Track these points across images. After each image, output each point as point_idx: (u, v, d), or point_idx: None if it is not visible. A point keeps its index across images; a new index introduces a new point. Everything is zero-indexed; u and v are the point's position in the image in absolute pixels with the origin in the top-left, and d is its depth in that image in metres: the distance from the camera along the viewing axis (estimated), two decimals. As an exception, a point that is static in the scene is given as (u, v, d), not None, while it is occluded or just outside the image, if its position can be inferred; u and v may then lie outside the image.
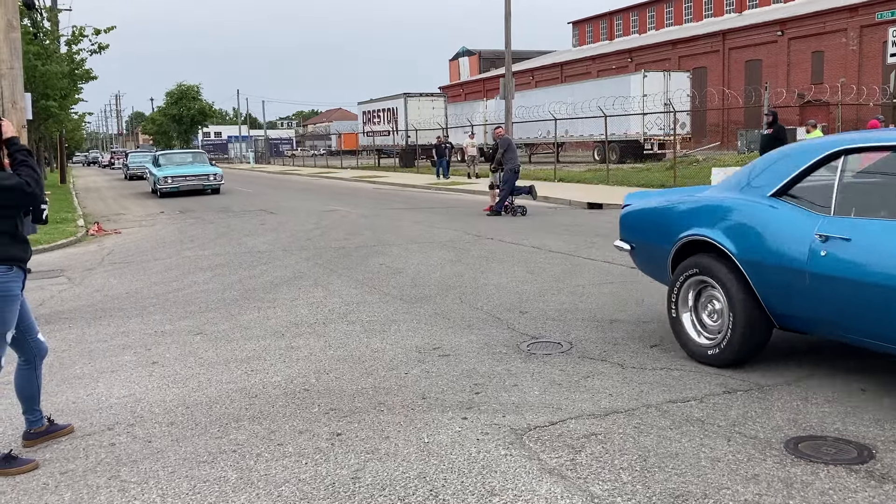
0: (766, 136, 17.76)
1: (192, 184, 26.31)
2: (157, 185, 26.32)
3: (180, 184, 26.11)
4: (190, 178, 26.38)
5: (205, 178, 26.60)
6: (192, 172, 26.67)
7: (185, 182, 26.23)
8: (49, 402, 5.12)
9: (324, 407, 4.91)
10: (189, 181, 26.32)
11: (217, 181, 26.74)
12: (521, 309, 7.46)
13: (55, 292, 9.56)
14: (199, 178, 26.53)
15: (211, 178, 26.68)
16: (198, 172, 26.76)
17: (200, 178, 26.55)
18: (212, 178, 26.70)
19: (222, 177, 27.33)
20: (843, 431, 4.21)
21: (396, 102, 46.87)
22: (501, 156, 16.76)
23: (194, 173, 26.65)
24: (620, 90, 36.09)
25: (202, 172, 26.85)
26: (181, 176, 26.29)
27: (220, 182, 26.91)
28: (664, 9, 64.35)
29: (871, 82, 38.88)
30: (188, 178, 26.36)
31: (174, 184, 26.05)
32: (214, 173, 26.87)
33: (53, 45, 25.09)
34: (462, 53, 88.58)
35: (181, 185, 26.11)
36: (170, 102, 56.73)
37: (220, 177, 26.92)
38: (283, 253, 11.96)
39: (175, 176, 26.20)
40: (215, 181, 26.73)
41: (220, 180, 26.86)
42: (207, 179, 26.63)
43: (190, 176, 26.44)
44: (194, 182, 26.39)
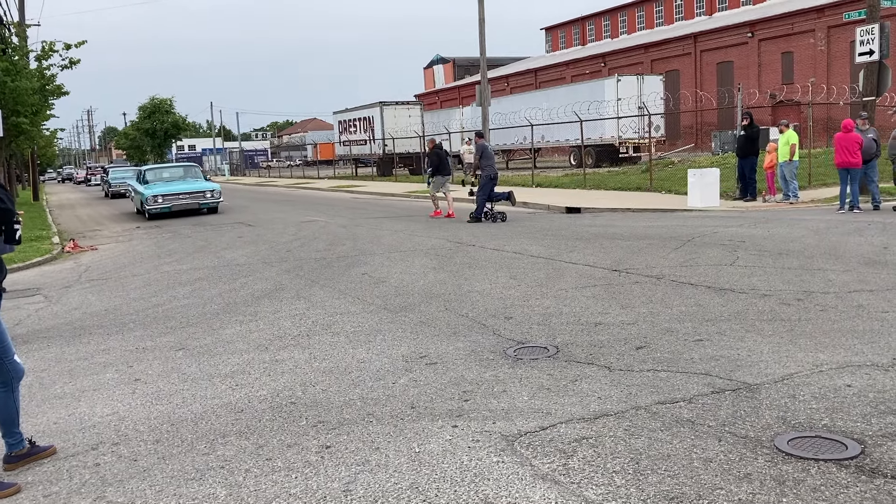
0: (741, 137, 17.96)
1: (185, 202, 22.85)
2: (146, 205, 22.57)
3: (172, 203, 22.62)
4: (183, 197, 22.85)
5: (200, 195, 23.06)
6: (185, 189, 23.11)
7: (178, 201, 22.73)
8: (30, 423, 5.02)
9: (312, 420, 4.86)
10: (182, 200, 22.82)
11: (215, 199, 23.21)
12: (506, 314, 7.45)
13: (32, 311, 9.40)
14: (194, 196, 22.99)
15: (208, 195, 23.12)
16: (192, 189, 23.17)
17: (195, 196, 23.00)
18: (209, 196, 23.13)
19: (220, 193, 23.61)
20: (831, 427, 4.23)
21: (372, 111, 46.79)
22: (478, 162, 16.80)
23: (188, 190, 23.08)
24: (595, 95, 36.31)
25: (197, 189, 23.24)
26: (173, 194, 22.75)
27: (219, 199, 23.37)
28: (636, 13, 64.93)
29: (841, 82, 39.48)
30: (181, 197, 22.83)
31: (165, 203, 22.53)
32: (211, 190, 23.30)
33: (23, 60, 24.73)
34: (436, 61, 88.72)
35: (173, 205, 22.63)
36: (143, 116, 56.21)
37: (218, 193, 23.33)
38: (263, 265, 11.86)
39: (166, 194, 22.64)
40: (213, 199, 23.19)
41: (217, 198, 23.30)
42: (203, 197, 23.08)
43: (183, 194, 22.89)
44: (188, 200, 22.88)
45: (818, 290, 7.75)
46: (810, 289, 7.81)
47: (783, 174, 17.05)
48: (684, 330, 6.47)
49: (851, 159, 14.72)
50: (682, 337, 6.25)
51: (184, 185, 23.51)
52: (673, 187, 21.01)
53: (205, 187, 23.37)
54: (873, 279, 8.14)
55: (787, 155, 16.78)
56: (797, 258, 9.65)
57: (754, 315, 6.85)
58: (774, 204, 17.07)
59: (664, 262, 9.92)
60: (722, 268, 9.25)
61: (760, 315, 6.84)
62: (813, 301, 7.26)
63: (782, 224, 13.20)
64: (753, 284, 8.17)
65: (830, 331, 6.19)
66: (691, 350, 5.86)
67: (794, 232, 12.07)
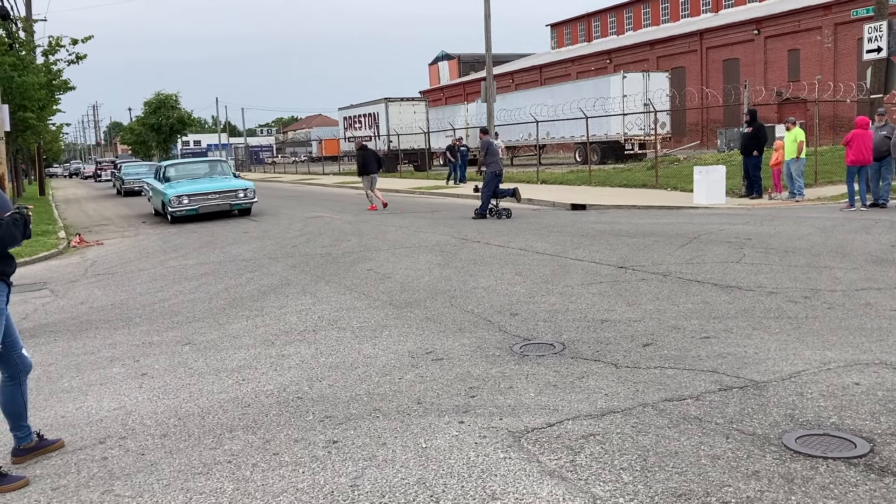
0: (745, 135, 17.91)
1: (215, 203, 19.52)
2: (168, 206, 19.19)
3: (200, 204, 19.34)
4: (212, 197, 19.53)
5: (231, 194, 19.74)
6: (214, 188, 19.76)
7: (207, 202, 19.45)
8: (37, 416, 5.04)
9: (318, 415, 4.86)
10: (211, 200, 19.50)
11: (248, 199, 19.92)
12: (512, 311, 7.45)
13: (39, 305, 9.43)
14: (225, 196, 19.67)
15: (240, 194, 19.82)
16: (222, 188, 19.82)
17: (226, 196, 19.68)
18: (241, 196, 19.82)
19: (254, 192, 20.24)
20: (840, 425, 4.22)
21: (377, 108, 46.80)
22: (483, 159, 16.80)
23: (217, 189, 19.74)
24: (600, 91, 36.25)
25: (228, 188, 19.90)
26: (200, 194, 19.45)
27: (253, 199, 20.03)
28: (641, 10, 64.76)
29: (848, 79, 39.32)
30: (210, 197, 19.50)
31: (192, 204, 19.24)
32: (244, 188, 19.96)
33: (30, 55, 24.79)
34: (441, 58, 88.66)
35: (201, 207, 19.34)
36: (148, 112, 56.22)
37: (251, 192, 20.00)
38: (269, 260, 11.88)
39: (193, 194, 19.34)
40: (246, 199, 19.87)
41: (251, 197, 19.98)
42: (235, 197, 19.77)
43: (212, 193, 19.56)
44: (218, 201, 19.56)
45: (825, 287, 7.73)
46: (817, 286, 7.79)
47: (790, 172, 17.01)
48: (691, 327, 6.46)
49: (866, 157, 14.88)
50: (689, 334, 6.24)
51: (212, 184, 20.18)
52: (679, 184, 20.96)
53: (236, 185, 20.16)
54: (881, 277, 8.11)
55: (794, 152, 16.73)
56: (804, 256, 9.62)
57: (761, 312, 6.83)
58: (780, 201, 17.02)
59: (670, 259, 9.90)
60: (728, 265, 9.23)
61: (767, 312, 6.82)
62: (820, 299, 7.24)
63: (789, 222, 13.17)
64: (760, 282, 8.15)
65: (838, 329, 6.17)
66: (698, 347, 5.84)
67: (800, 229, 12.03)
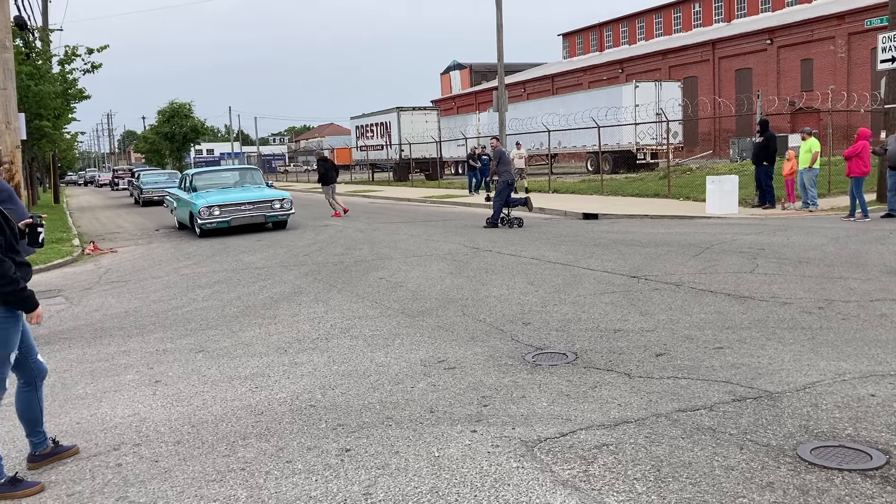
0: (758, 145, 17.86)
1: (248, 215, 17.87)
2: (197, 218, 17.52)
3: (232, 216, 17.69)
4: (245, 208, 17.85)
5: (266, 205, 18.06)
6: (247, 198, 18.04)
7: (240, 213, 17.79)
8: (53, 423, 5.07)
9: (331, 423, 4.87)
10: (244, 212, 17.83)
11: (285, 210, 18.23)
12: (524, 320, 7.44)
13: (54, 312, 9.50)
14: (259, 207, 17.98)
15: (276, 205, 18.13)
16: (256, 198, 18.12)
17: (260, 207, 17.99)
18: (277, 206, 18.13)
19: (291, 203, 18.55)
20: (855, 437, 4.19)
21: (389, 116, 46.95)
22: (496, 168, 16.83)
23: (251, 199, 18.03)
24: (612, 101, 36.24)
25: (262, 198, 18.20)
26: (232, 204, 17.76)
27: (290, 211, 18.35)
28: (653, 19, 64.78)
29: (861, 89, 39.15)
30: (243, 208, 17.83)
31: (224, 216, 17.61)
32: (280, 199, 18.27)
33: (46, 64, 25.06)
34: (453, 67, 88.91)
35: (233, 218, 17.70)
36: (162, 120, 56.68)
37: (288, 203, 18.32)
38: (282, 269, 11.92)
39: (224, 205, 17.67)
40: (282, 210, 18.19)
41: (288, 209, 18.28)
42: (271, 208, 18.08)
43: (245, 204, 17.87)
44: (252, 213, 17.89)
45: (839, 298, 7.68)
46: (831, 297, 7.74)
47: (803, 182, 16.94)
48: (704, 337, 6.43)
49: (868, 168, 15.27)
50: (703, 344, 6.21)
51: (245, 194, 18.50)
52: (691, 194, 20.90)
53: (272, 195, 18.48)
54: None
55: (807, 162, 16.68)
56: (817, 266, 9.57)
57: (775, 323, 6.80)
58: (794, 211, 16.94)
59: (683, 269, 9.87)
60: (741, 275, 9.19)
61: (781, 323, 6.79)
62: (834, 309, 7.20)
63: (802, 232, 13.10)
64: (773, 292, 8.11)
65: (853, 340, 6.13)
66: (712, 357, 5.82)
67: (813, 240, 11.97)
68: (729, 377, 5.32)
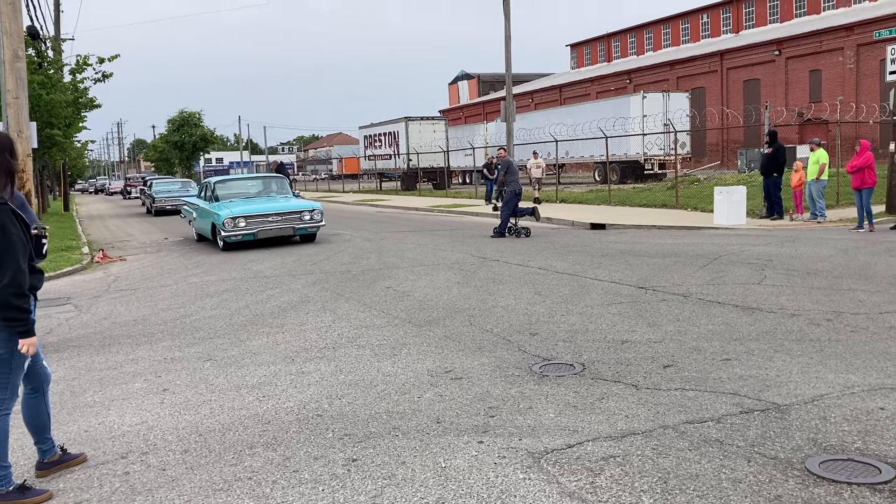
0: (766, 155, 17.85)
1: (276, 227, 16.54)
2: (221, 230, 16.18)
3: (258, 227, 16.36)
4: (273, 219, 16.53)
5: (295, 217, 16.74)
6: (274, 209, 16.76)
7: (267, 225, 16.44)
8: (61, 430, 5.09)
9: (338, 432, 4.88)
10: (272, 223, 16.50)
11: (315, 222, 16.91)
12: (532, 331, 7.44)
13: (63, 320, 9.54)
14: (288, 218, 16.65)
15: (305, 216, 16.80)
16: (283, 209, 16.83)
17: (289, 218, 16.67)
18: (306, 218, 16.80)
19: (322, 214, 17.20)
20: (864, 451, 4.17)
21: (397, 126, 47.09)
22: (503, 178, 16.84)
23: (278, 210, 16.75)
24: (620, 111, 36.27)
25: (290, 209, 16.88)
26: (259, 215, 16.45)
27: (320, 223, 17.04)
28: (661, 30, 64.87)
29: (870, 100, 39.07)
30: (270, 219, 16.50)
31: (249, 228, 16.28)
32: (310, 210, 16.94)
33: (57, 74, 25.27)
34: (461, 77, 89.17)
35: (259, 230, 16.37)
36: (171, 129, 57.01)
37: (319, 215, 16.98)
38: (290, 277, 11.95)
39: (250, 216, 16.38)
40: (312, 222, 16.87)
41: (318, 220, 16.97)
42: (300, 219, 16.76)
43: (273, 215, 16.57)
44: (280, 224, 16.57)
45: (848, 310, 7.66)
46: (840, 309, 7.71)
47: (811, 193, 16.90)
48: (712, 349, 6.42)
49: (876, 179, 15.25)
50: (710, 356, 6.20)
51: (271, 204, 17.22)
52: (699, 205, 20.88)
53: (301, 206, 17.16)
54: (905, 300, 8.02)
55: (815, 173, 16.65)
56: (826, 278, 9.54)
57: (783, 335, 6.78)
58: (802, 223, 16.90)
59: (691, 280, 9.85)
60: (749, 286, 9.17)
61: (789, 335, 6.76)
62: (843, 322, 7.17)
63: (810, 243, 13.07)
64: (782, 304, 8.09)
65: (861, 352, 6.11)
66: (719, 369, 5.81)
67: (822, 251, 11.93)
68: (737, 389, 5.30)
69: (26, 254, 4.07)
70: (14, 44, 14.13)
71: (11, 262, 3.95)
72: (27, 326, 4.03)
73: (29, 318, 4.06)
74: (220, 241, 16.63)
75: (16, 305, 3.97)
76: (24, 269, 4.02)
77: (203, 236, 18.70)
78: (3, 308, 3.95)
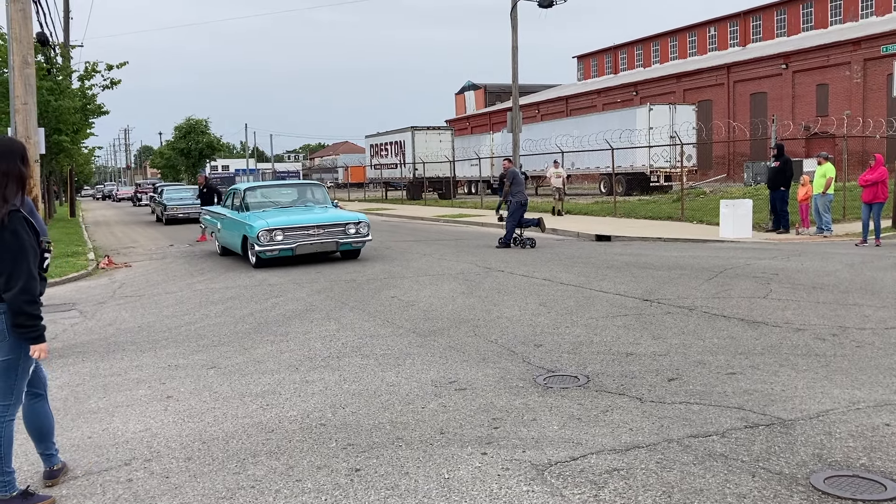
0: (773, 169, 17.84)
1: (318, 241, 14.40)
2: (255, 244, 14.03)
3: (297, 241, 14.22)
4: (314, 232, 14.37)
5: (339, 230, 14.55)
6: (316, 221, 14.58)
7: (307, 238, 14.31)
8: (65, 436, 5.10)
9: (341, 442, 4.87)
10: (313, 237, 14.36)
11: (361, 236, 14.73)
12: (536, 342, 7.43)
13: (67, 326, 9.56)
14: (331, 231, 14.48)
15: (350, 230, 14.60)
16: (326, 220, 14.64)
17: (332, 231, 14.49)
18: (351, 231, 14.61)
19: (369, 227, 15.01)
20: (869, 467, 4.15)
21: (404, 136, 47.21)
22: (509, 188, 16.86)
23: (321, 222, 14.56)
24: (626, 123, 36.31)
25: (333, 220, 14.71)
26: (299, 228, 14.31)
27: (366, 237, 14.84)
28: (668, 42, 64.99)
29: (877, 115, 39.05)
30: (311, 232, 14.35)
31: (287, 242, 14.14)
32: (356, 222, 14.75)
33: (66, 80, 25.42)
34: (468, 87, 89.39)
35: (299, 246, 14.21)
36: (178, 136, 57.24)
37: (365, 227, 14.79)
38: (294, 286, 11.96)
39: (289, 228, 14.23)
40: (357, 237, 14.69)
41: (365, 234, 14.78)
42: (345, 233, 14.57)
43: (313, 227, 14.41)
44: (323, 238, 14.42)
45: (854, 325, 7.63)
46: (846, 324, 7.69)
47: (817, 207, 16.88)
48: (717, 363, 6.40)
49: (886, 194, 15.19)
50: (715, 370, 6.18)
51: (311, 215, 15.04)
52: (705, 217, 20.86)
53: (345, 217, 14.95)
54: (911, 316, 7.99)
55: (822, 187, 16.63)
56: (832, 292, 9.51)
57: (788, 349, 6.76)
58: (808, 237, 16.86)
59: (696, 292, 9.83)
60: (755, 300, 9.15)
61: (794, 349, 6.74)
62: (849, 337, 7.15)
63: (816, 257, 13.03)
64: (787, 318, 8.07)
65: (867, 367, 6.09)
66: (724, 383, 5.79)
67: (828, 266, 11.90)
68: (741, 403, 5.28)
69: (37, 260, 4.09)
70: (24, 50, 14.22)
71: (24, 269, 3.98)
72: (39, 332, 4.06)
73: (41, 324, 4.08)
74: (251, 256, 14.54)
75: (28, 312, 4.00)
76: (36, 276, 4.05)
77: (229, 250, 16.61)
78: (16, 315, 3.98)
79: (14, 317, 3.99)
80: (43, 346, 4.09)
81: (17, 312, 3.97)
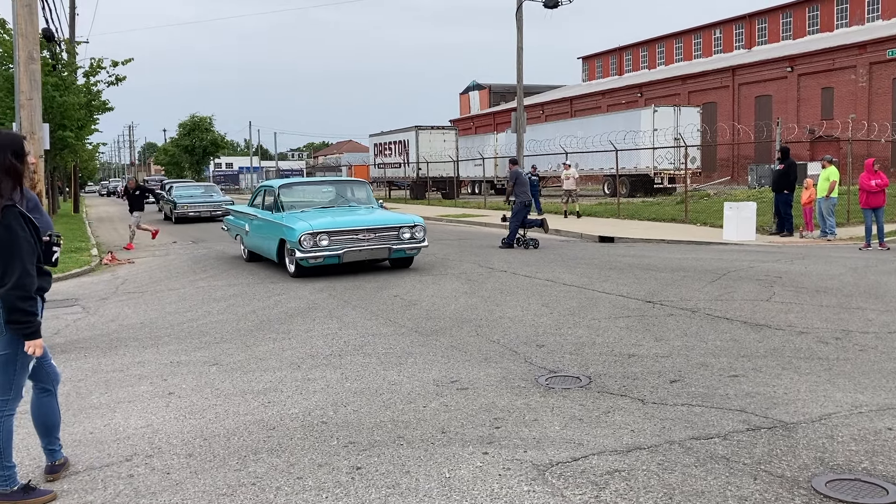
0: (777, 172, 17.81)
1: (368, 247, 12.54)
2: (298, 249, 12.14)
3: (345, 247, 12.38)
4: (363, 236, 12.54)
5: (392, 234, 12.75)
6: (366, 224, 12.73)
7: (356, 244, 12.46)
8: (67, 431, 5.10)
9: (343, 440, 4.87)
10: (362, 242, 12.53)
11: (416, 241, 12.94)
12: (538, 342, 7.42)
13: (70, 321, 9.58)
14: (383, 236, 12.66)
15: (405, 234, 12.82)
16: (377, 224, 12.78)
17: (385, 236, 12.68)
18: (406, 236, 12.82)
19: (425, 232, 13.12)
20: (871, 471, 4.14)
21: (408, 135, 47.21)
22: (512, 189, 16.86)
23: (371, 225, 12.71)
24: (630, 125, 36.27)
25: (385, 223, 12.87)
26: (346, 231, 12.48)
27: (422, 243, 13.02)
28: (673, 44, 64.90)
29: (882, 119, 38.98)
30: (360, 237, 12.52)
31: (333, 247, 12.29)
32: (411, 225, 12.88)
33: (71, 76, 25.47)
34: (472, 87, 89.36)
35: (346, 252, 12.37)
36: (182, 133, 57.38)
37: (420, 231, 12.96)
38: (297, 283, 11.96)
39: (336, 231, 12.39)
40: (413, 241, 12.90)
41: (421, 238, 12.98)
42: (398, 238, 12.77)
43: (363, 231, 12.57)
44: (373, 245, 12.56)
45: (857, 329, 7.61)
46: (849, 328, 7.67)
47: (821, 210, 16.85)
48: (719, 365, 6.39)
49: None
50: (717, 372, 6.17)
51: (358, 217, 13.17)
52: (708, 220, 20.83)
53: (398, 220, 13.08)
54: (915, 320, 7.97)
55: (825, 191, 16.60)
56: (835, 296, 9.49)
57: (791, 352, 6.75)
58: (812, 240, 16.83)
59: (699, 295, 9.82)
60: (758, 303, 9.13)
61: (797, 353, 6.73)
62: (852, 340, 7.13)
63: (819, 261, 13.01)
64: (790, 321, 8.05)
65: (870, 371, 6.07)
66: (726, 386, 5.78)
67: (831, 269, 11.88)
68: (744, 406, 5.27)
69: (33, 256, 4.05)
70: (29, 45, 14.24)
71: (17, 265, 3.94)
72: (33, 328, 4.03)
73: (35, 320, 4.04)
74: (290, 263, 12.78)
75: (21, 308, 3.96)
76: (31, 272, 4.00)
77: (258, 255, 14.82)
78: (9, 311, 3.96)
79: (8, 313, 3.96)
80: (38, 342, 4.06)
81: (11, 308, 3.95)
